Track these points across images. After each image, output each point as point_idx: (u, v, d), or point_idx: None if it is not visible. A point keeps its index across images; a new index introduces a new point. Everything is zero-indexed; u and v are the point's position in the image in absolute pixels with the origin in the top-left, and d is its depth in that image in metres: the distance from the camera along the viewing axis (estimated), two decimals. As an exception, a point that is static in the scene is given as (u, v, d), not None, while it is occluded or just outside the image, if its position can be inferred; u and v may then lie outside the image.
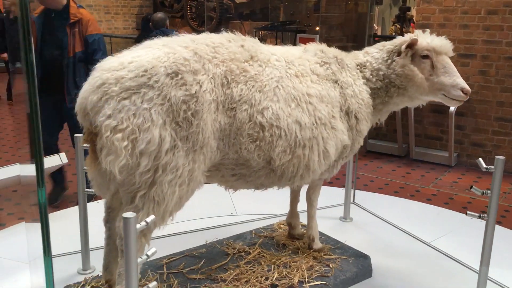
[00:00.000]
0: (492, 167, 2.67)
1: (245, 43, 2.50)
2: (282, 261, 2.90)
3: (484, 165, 2.66)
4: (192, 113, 2.10)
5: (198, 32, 2.55)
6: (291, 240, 3.21)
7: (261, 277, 2.74)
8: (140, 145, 2.02)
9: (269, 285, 2.67)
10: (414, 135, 7.07)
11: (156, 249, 1.95)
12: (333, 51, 2.84)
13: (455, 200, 5.61)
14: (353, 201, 4.46)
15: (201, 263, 2.94)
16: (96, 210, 2.53)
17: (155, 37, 4.86)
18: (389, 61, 2.78)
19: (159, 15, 6.40)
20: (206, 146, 2.18)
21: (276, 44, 8.60)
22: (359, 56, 2.91)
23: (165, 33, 6.53)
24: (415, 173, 6.61)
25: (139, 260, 1.81)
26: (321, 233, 3.31)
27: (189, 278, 2.77)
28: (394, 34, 11.85)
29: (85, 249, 2.89)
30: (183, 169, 2.12)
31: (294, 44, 7.47)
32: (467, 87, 2.69)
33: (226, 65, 2.29)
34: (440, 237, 3.79)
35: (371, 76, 2.81)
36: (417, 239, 3.74)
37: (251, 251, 3.04)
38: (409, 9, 12.31)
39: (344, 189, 4.17)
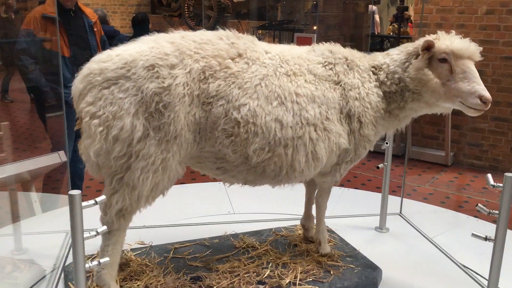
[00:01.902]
0: (501, 185, 2.36)
1: (238, 41, 2.51)
2: (283, 260, 2.86)
3: (492, 182, 2.38)
4: (164, 104, 2.21)
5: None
6: (304, 242, 3.14)
7: (253, 272, 2.73)
8: (113, 131, 2.18)
9: (257, 282, 2.66)
10: (411, 134, 7.10)
11: (106, 227, 2.09)
12: (345, 52, 2.72)
13: (451, 199, 5.64)
14: (400, 212, 4.06)
15: (207, 252, 2.98)
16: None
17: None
18: (407, 63, 2.62)
19: (99, 12, 6.97)
20: (179, 137, 2.27)
21: (274, 43, 8.60)
22: (378, 57, 2.77)
23: (105, 29, 6.62)
24: (412, 172, 6.64)
25: (86, 235, 1.93)
26: (340, 240, 3.21)
27: (188, 264, 2.82)
28: (391, 33, 11.89)
29: None
30: (155, 157, 2.24)
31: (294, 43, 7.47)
32: (487, 95, 2.43)
33: (206, 61, 2.34)
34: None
35: (386, 79, 2.67)
36: (452, 259, 3.34)
37: (259, 247, 3.03)
38: (406, 8, 12.37)
39: (395, 197, 3.93)
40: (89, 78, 2.25)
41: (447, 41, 2.53)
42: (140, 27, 7.31)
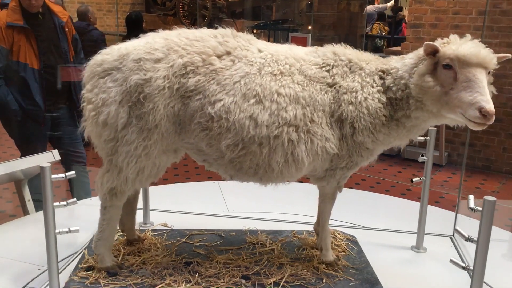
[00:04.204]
0: (480, 208, 2.09)
1: (231, 39, 2.55)
2: (281, 261, 2.81)
3: (472, 205, 2.15)
4: (144, 95, 2.37)
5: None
6: (315, 247, 3.01)
7: (244, 267, 2.73)
8: (101, 116, 2.41)
9: (241, 276, 2.66)
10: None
11: (76, 199, 2.39)
12: (351, 54, 2.58)
13: (446, 199, 5.67)
14: (453, 234, 3.45)
15: (217, 242, 3.01)
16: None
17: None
18: (415, 69, 2.42)
19: (82, 8, 7.22)
20: (159, 127, 2.41)
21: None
22: (391, 61, 2.57)
23: (75, 25, 6.59)
24: (406, 172, 6.67)
25: (55, 203, 2.21)
26: (356, 251, 3.02)
27: (192, 250, 2.90)
28: (378, 32, 11.91)
29: (145, 207, 3.35)
30: (137, 144, 2.42)
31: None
32: (488, 107, 2.19)
33: (190, 56, 2.43)
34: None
35: (392, 85, 2.49)
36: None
37: (267, 246, 3.00)
38: (401, 9, 12.40)
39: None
40: (92, 68, 2.48)
41: (454, 45, 2.32)
42: (134, 26, 7.32)
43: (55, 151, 3.65)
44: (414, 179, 3.22)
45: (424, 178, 3.23)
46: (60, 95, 4.25)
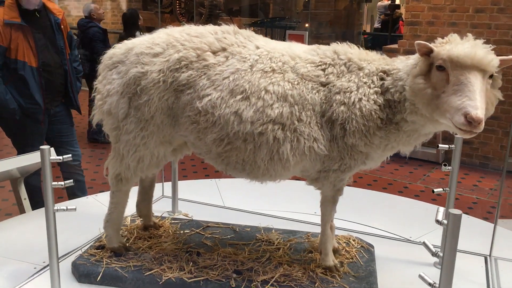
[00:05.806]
0: (445, 221, 1.90)
1: (229, 36, 2.58)
2: (280, 260, 2.79)
3: (439, 217, 1.97)
4: (141, 88, 2.50)
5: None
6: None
7: (240, 262, 2.73)
8: (105, 105, 2.59)
9: (233, 270, 2.67)
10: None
11: (72, 181, 2.47)
12: (352, 54, 2.48)
13: (443, 197, 5.66)
14: (490, 254, 3.06)
15: (227, 236, 3.05)
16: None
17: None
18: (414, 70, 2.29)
19: (84, 6, 7.32)
20: (155, 118, 2.52)
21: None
22: (395, 62, 2.45)
23: (80, 23, 6.45)
24: (403, 170, 6.67)
25: (53, 183, 2.36)
26: (366, 260, 2.86)
27: (201, 241, 2.98)
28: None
29: (174, 197, 3.58)
30: (135, 134, 2.56)
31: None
32: (473, 113, 2.01)
33: (185, 51, 2.50)
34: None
35: (391, 86, 2.36)
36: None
37: (274, 244, 2.98)
38: (398, 6, 12.39)
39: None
40: (104, 61, 2.66)
41: (450, 45, 2.19)
42: (130, 24, 7.30)
43: (52, 149, 3.63)
44: (436, 190, 2.91)
45: (448, 189, 2.93)
46: (57, 93, 4.23)
